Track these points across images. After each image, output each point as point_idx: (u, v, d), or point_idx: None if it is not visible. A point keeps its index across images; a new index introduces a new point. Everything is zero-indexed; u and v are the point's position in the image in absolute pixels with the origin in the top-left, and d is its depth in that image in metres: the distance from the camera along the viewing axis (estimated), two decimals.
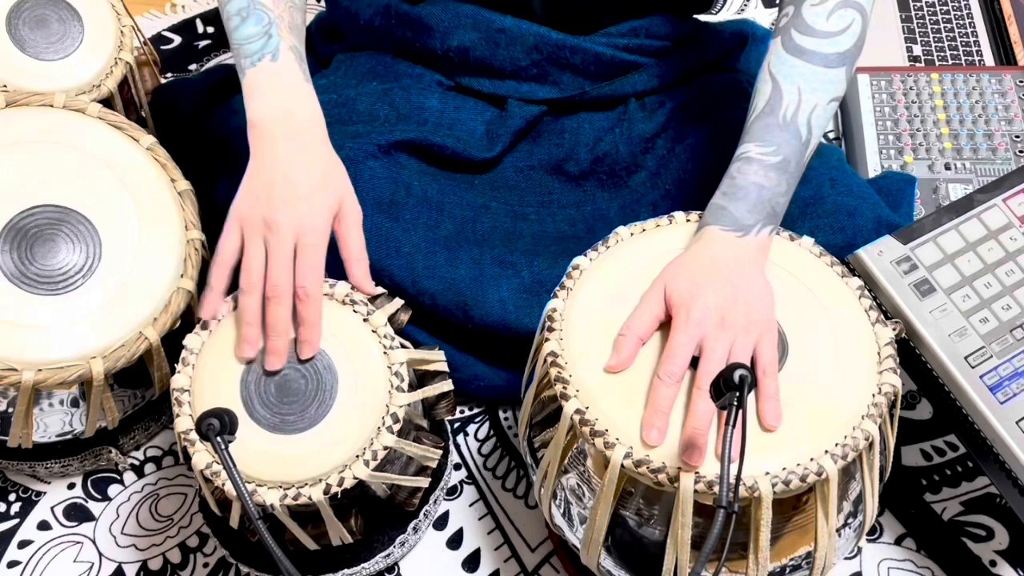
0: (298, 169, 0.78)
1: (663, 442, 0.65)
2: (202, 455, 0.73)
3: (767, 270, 0.74)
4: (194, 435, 0.74)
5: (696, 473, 0.64)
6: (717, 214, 0.74)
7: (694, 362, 0.68)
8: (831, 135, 1.28)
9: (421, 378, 0.83)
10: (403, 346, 0.80)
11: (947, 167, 1.16)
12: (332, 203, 0.78)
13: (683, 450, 0.65)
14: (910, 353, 0.77)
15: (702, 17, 1.09)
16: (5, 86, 0.93)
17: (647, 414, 0.66)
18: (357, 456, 0.75)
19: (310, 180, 0.78)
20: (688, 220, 0.78)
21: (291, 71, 0.81)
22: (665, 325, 0.71)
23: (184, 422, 0.75)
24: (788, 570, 0.71)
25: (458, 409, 1.03)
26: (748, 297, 0.70)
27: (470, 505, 0.95)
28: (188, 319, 0.88)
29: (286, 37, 0.82)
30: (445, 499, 0.96)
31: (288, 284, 0.76)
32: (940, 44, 1.35)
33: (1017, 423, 0.74)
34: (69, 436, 0.90)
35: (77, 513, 0.96)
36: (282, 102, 0.80)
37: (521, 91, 1.02)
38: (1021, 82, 1.24)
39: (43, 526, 0.95)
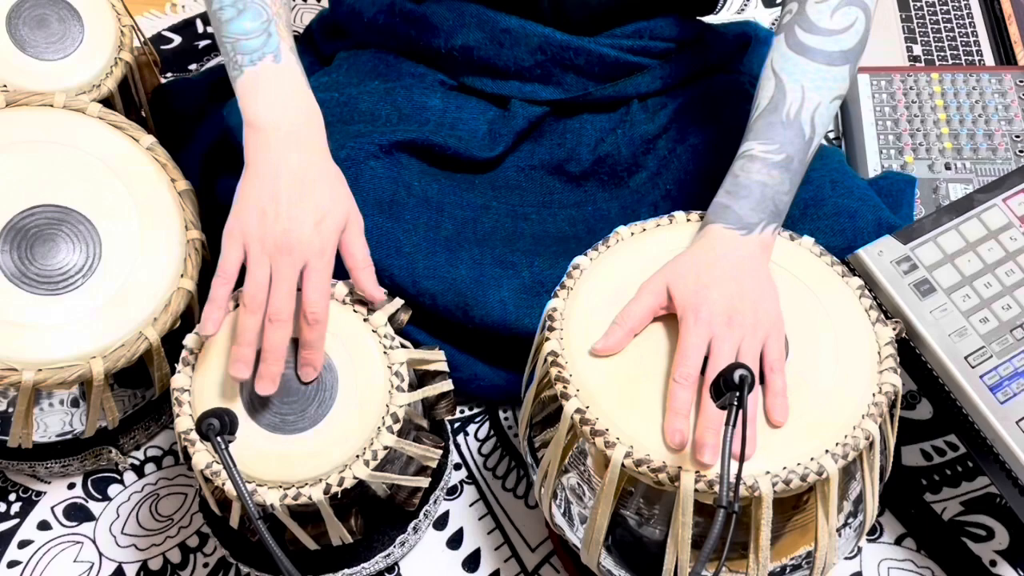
0: (305, 184, 0.75)
1: (688, 444, 0.65)
2: (202, 455, 0.73)
3: None
4: (194, 435, 0.74)
5: (696, 472, 0.64)
6: (721, 212, 0.74)
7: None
8: (831, 135, 1.28)
9: (421, 378, 0.83)
10: (403, 346, 0.80)
11: (947, 167, 1.15)
12: (341, 221, 0.76)
13: (695, 449, 0.65)
14: (910, 353, 0.77)
15: (705, 18, 1.09)
16: (5, 86, 0.93)
17: (667, 418, 0.66)
18: (357, 456, 0.75)
19: (319, 200, 0.75)
20: (688, 220, 0.78)
21: (294, 74, 0.79)
22: (665, 322, 0.71)
23: (184, 422, 0.75)
24: (788, 570, 0.71)
25: (458, 409, 1.03)
26: (754, 296, 0.70)
27: (470, 505, 0.95)
28: (188, 319, 0.88)
29: (285, 36, 0.80)
30: (445, 499, 0.95)
31: (291, 309, 0.73)
32: (940, 44, 1.35)
33: (1017, 423, 0.74)
34: (69, 436, 0.90)
35: (77, 513, 0.96)
36: (286, 108, 0.77)
37: (524, 91, 1.02)
38: (1021, 82, 1.24)
39: (43, 526, 0.95)
